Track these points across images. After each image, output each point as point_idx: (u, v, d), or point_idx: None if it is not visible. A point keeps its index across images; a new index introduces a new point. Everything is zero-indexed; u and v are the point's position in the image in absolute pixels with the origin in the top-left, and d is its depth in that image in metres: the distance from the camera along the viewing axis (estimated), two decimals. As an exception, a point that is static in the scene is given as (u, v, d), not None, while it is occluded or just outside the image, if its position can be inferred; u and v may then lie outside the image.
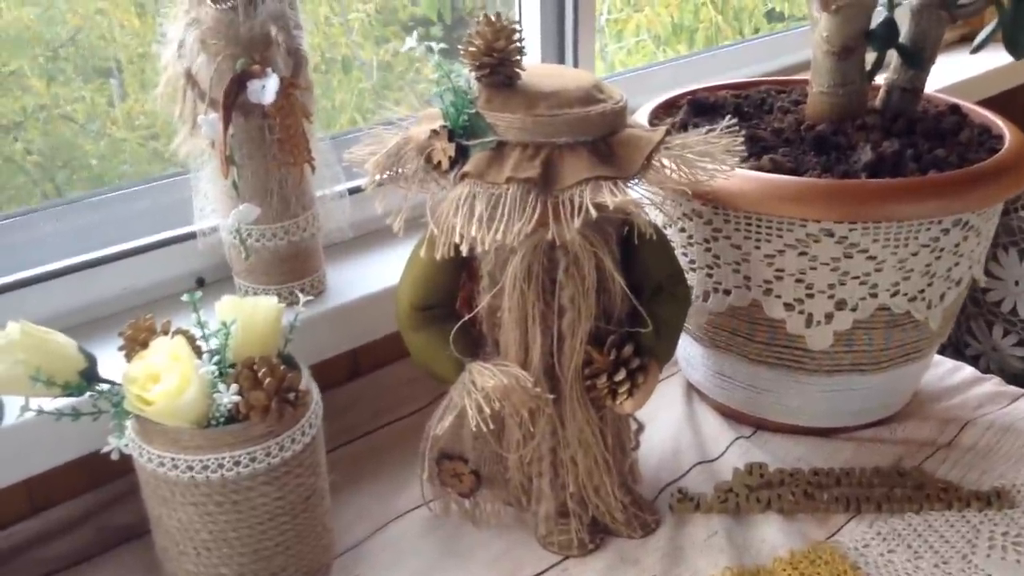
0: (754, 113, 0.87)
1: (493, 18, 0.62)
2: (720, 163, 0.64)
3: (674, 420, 0.86)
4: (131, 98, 1.04)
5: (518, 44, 0.63)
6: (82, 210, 0.80)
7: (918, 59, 0.80)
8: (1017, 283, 1.36)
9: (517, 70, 0.63)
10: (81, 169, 0.99)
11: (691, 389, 0.91)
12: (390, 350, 0.92)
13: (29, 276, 0.75)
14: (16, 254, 0.76)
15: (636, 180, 0.63)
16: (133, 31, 1.02)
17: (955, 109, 0.85)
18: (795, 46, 1.44)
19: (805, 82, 0.92)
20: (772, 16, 2.16)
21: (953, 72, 1.42)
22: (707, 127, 0.66)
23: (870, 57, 0.82)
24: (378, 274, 0.85)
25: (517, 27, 0.63)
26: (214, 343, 0.63)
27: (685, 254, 0.79)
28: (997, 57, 1.46)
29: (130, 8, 1.00)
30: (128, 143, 1.04)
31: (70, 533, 0.73)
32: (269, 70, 0.68)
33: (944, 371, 0.93)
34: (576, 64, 1.09)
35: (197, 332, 0.63)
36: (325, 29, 1.33)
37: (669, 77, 1.24)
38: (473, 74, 0.63)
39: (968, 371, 0.94)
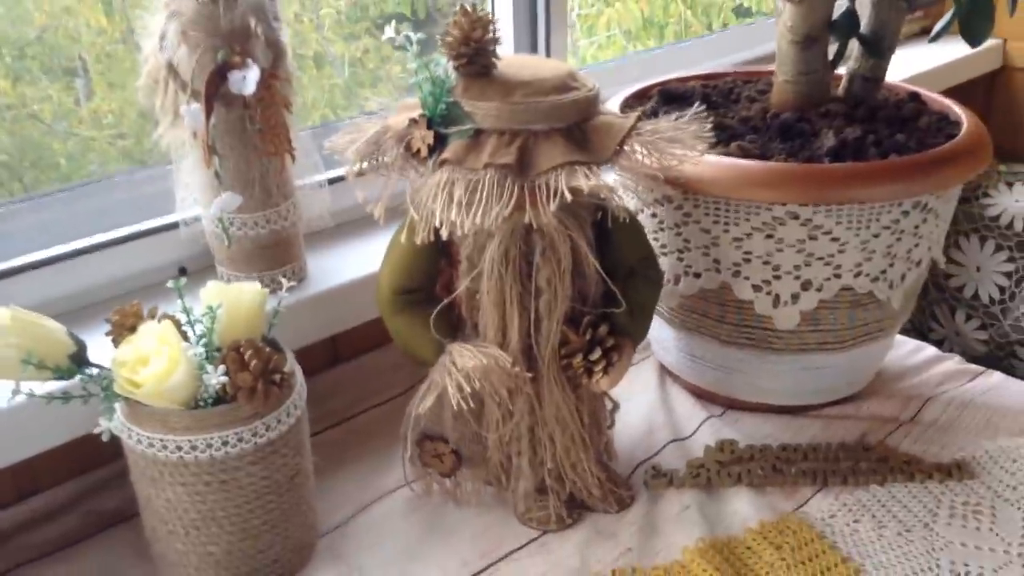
0: (722, 102, 0.89)
1: (470, 9, 0.64)
2: (690, 148, 0.66)
3: (647, 401, 0.89)
4: (98, 96, 1.03)
5: (494, 34, 0.65)
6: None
7: (878, 48, 0.83)
8: (978, 269, 1.40)
9: (493, 59, 0.65)
10: (49, 169, 0.98)
11: (664, 371, 0.93)
12: (369, 337, 0.94)
13: (12, 266, 0.76)
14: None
15: (610, 165, 0.65)
16: (99, 29, 1.01)
17: (914, 96, 0.88)
18: (760, 38, 1.47)
19: (771, 72, 0.95)
20: (740, 12, 2.19)
21: (914, 64, 1.46)
22: (676, 114, 0.68)
23: (832, 48, 0.85)
24: (357, 261, 0.87)
25: (493, 18, 0.65)
26: (199, 329, 0.64)
27: (656, 239, 0.82)
28: (957, 49, 1.50)
29: (97, 6, 0.99)
30: (97, 142, 1.04)
31: (58, 518, 0.74)
32: (250, 61, 0.70)
33: (907, 351, 0.97)
34: (548, 57, 1.11)
35: (182, 318, 0.65)
36: (296, 26, 1.33)
37: (637, 70, 1.27)
38: (451, 64, 0.65)
39: (930, 351, 0.97)
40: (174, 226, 0.82)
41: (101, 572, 0.70)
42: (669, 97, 0.90)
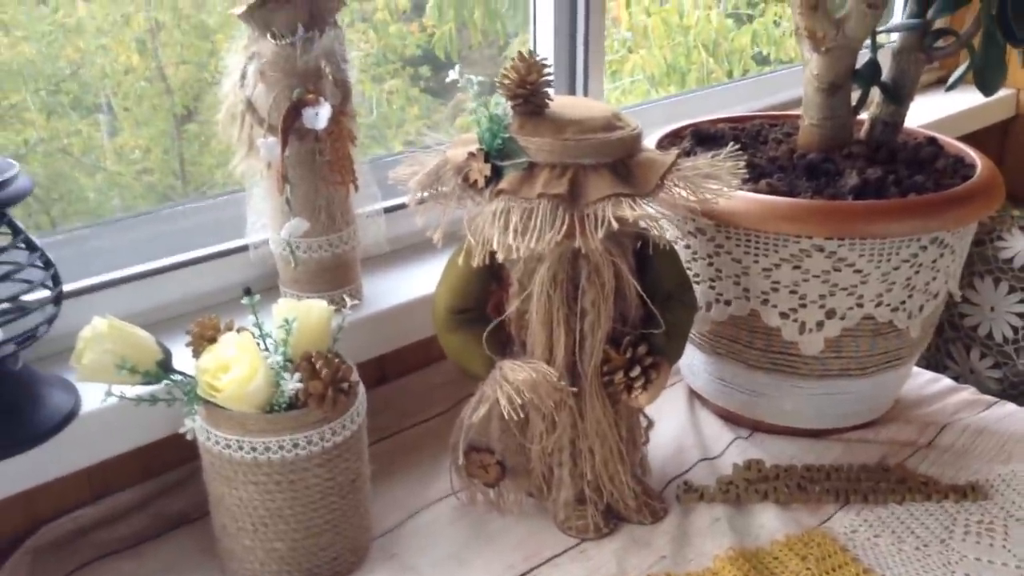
0: (750, 143, 0.96)
1: (526, 55, 0.71)
2: (725, 184, 0.72)
3: (678, 423, 0.94)
4: (125, 133, 1.07)
5: (548, 77, 0.71)
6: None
7: (898, 96, 0.89)
8: (992, 309, 1.45)
9: (546, 100, 0.71)
10: (77, 202, 1.03)
11: (693, 395, 0.98)
12: (414, 358, 0.99)
13: (96, 282, 0.83)
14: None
15: (651, 198, 0.71)
16: (127, 67, 1.05)
17: (932, 141, 0.94)
18: (779, 87, 1.53)
19: (795, 116, 1.01)
20: (759, 59, 2.26)
21: (932, 111, 1.52)
22: (712, 152, 0.74)
23: (855, 94, 0.91)
24: (408, 286, 0.93)
25: (547, 63, 0.71)
26: (269, 342, 0.70)
27: (690, 268, 0.88)
28: (972, 98, 1.56)
29: (131, 44, 1.03)
30: (123, 177, 1.08)
31: (128, 518, 0.80)
32: (322, 99, 0.76)
33: (924, 381, 1.01)
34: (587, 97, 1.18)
35: (254, 332, 0.70)
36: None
37: (663, 114, 1.33)
38: (508, 103, 0.71)
39: (946, 382, 1.02)
40: (242, 249, 0.88)
41: (167, 568, 0.75)
42: (701, 137, 0.96)
